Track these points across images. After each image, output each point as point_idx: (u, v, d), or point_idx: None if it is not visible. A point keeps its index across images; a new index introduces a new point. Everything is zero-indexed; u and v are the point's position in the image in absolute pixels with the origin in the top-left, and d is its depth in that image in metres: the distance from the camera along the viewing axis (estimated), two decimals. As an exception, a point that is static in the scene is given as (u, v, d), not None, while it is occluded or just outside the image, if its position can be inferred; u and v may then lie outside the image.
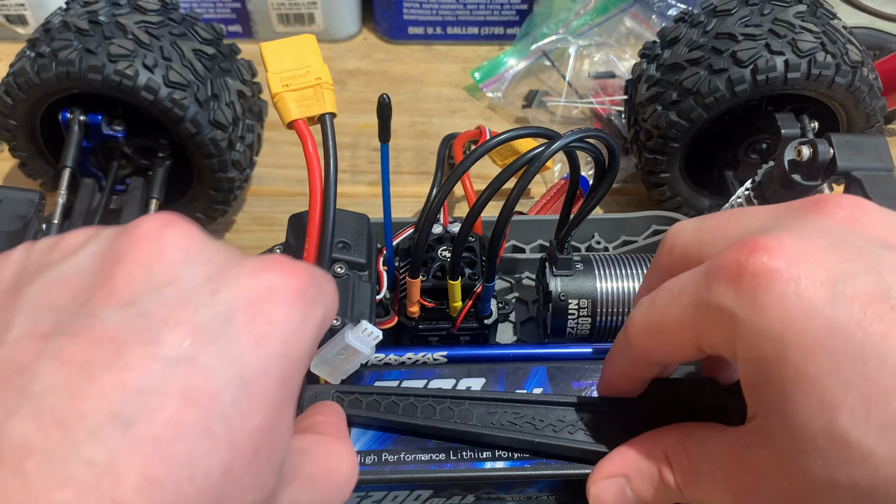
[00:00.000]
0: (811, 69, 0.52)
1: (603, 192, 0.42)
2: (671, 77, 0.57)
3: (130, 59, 0.53)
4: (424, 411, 0.39)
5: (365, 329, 0.38)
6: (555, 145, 0.39)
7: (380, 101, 0.41)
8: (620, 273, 0.47)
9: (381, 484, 0.38)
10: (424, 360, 0.44)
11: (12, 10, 0.82)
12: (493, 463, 0.39)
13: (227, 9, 0.84)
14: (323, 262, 0.39)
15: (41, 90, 0.55)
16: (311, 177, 0.39)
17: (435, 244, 0.48)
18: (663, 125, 0.57)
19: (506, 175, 0.40)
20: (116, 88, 0.53)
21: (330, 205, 0.39)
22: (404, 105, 0.79)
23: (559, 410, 0.39)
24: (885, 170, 0.40)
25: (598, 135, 0.39)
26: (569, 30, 0.82)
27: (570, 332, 0.46)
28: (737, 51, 0.53)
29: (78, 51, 0.53)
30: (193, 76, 0.54)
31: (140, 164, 0.61)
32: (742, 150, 0.61)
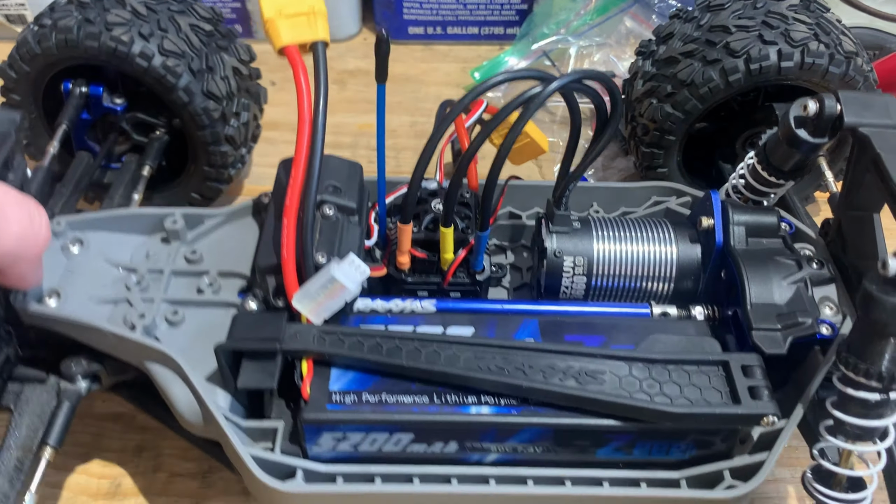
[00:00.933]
0: (804, 58, 0.51)
1: (607, 138, 0.41)
2: (666, 70, 0.56)
3: (127, 27, 0.53)
4: (410, 354, 0.38)
5: (352, 262, 0.37)
6: (552, 85, 0.38)
7: (378, 36, 0.40)
8: (620, 235, 0.45)
9: (359, 424, 0.37)
10: (412, 309, 0.42)
11: (12, 9, 0.82)
12: (479, 408, 0.37)
13: (227, 9, 0.84)
14: (311, 184, 0.38)
15: (42, 60, 0.55)
16: (299, 105, 0.38)
17: (429, 197, 0.47)
18: (659, 118, 0.56)
19: (502, 115, 0.39)
20: (112, 55, 0.53)
21: (318, 133, 0.38)
22: (404, 105, 0.78)
23: (549, 358, 0.38)
24: (893, 126, 0.39)
25: (598, 76, 0.38)
26: (569, 30, 0.82)
27: (564, 292, 0.45)
28: (730, 42, 0.53)
29: (77, 20, 0.53)
30: (188, 47, 0.55)
31: (137, 141, 0.60)
32: (739, 144, 0.60)
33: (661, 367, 0.38)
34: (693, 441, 0.38)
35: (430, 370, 0.37)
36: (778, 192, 0.46)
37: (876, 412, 0.34)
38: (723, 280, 0.43)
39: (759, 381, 0.37)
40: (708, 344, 0.40)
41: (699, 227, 0.44)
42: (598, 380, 0.37)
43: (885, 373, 0.33)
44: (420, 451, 0.38)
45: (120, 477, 0.49)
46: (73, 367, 0.42)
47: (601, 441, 0.38)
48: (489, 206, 0.42)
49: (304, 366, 0.38)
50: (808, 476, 0.38)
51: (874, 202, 0.41)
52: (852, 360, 0.34)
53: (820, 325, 0.39)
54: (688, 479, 0.38)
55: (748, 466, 0.38)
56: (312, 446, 0.38)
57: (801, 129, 0.41)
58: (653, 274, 0.45)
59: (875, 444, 0.36)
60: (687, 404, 0.36)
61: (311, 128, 0.38)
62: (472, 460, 0.39)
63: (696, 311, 0.43)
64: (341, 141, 0.73)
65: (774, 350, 0.38)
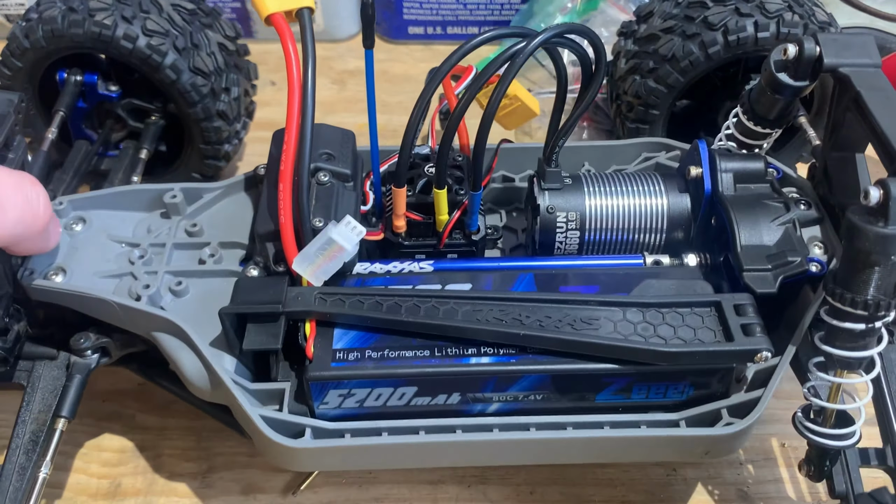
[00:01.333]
0: (780, 28, 0.53)
1: (592, 92, 0.41)
2: (647, 47, 0.58)
3: (109, 12, 0.54)
4: (409, 310, 0.39)
5: (348, 223, 0.38)
6: (535, 41, 0.38)
7: (363, 3, 0.40)
8: (610, 189, 0.46)
9: (363, 379, 0.38)
10: (410, 270, 0.43)
11: (12, 9, 0.83)
12: (479, 359, 0.38)
13: (228, 9, 0.84)
14: (304, 149, 0.38)
15: (32, 54, 0.56)
16: (288, 72, 0.39)
17: (422, 161, 0.48)
18: (643, 93, 0.58)
19: (488, 72, 0.39)
20: (97, 40, 0.54)
21: (308, 98, 0.39)
22: (404, 105, 0.78)
23: (545, 308, 0.39)
24: (873, 65, 0.40)
25: (579, 29, 0.39)
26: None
27: (558, 247, 0.46)
28: (708, 16, 0.54)
29: (61, 10, 0.55)
30: (171, 26, 0.56)
31: (133, 127, 0.62)
32: (721, 117, 0.61)
33: (654, 311, 0.39)
34: (690, 382, 0.39)
35: (429, 324, 0.38)
36: (765, 143, 0.47)
37: (862, 342, 0.35)
38: (713, 227, 0.44)
39: (751, 319, 0.38)
40: (700, 286, 0.41)
41: (688, 177, 0.45)
42: (593, 325, 0.38)
43: (871, 300, 0.34)
44: (424, 403, 0.39)
45: (120, 477, 0.50)
46: (82, 342, 0.43)
47: (599, 385, 0.39)
48: (480, 164, 0.42)
49: (307, 327, 0.39)
50: (799, 416, 0.39)
51: (857, 142, 0.42)
52: (839, 291, 0.35)
53: (809, 264, 0.40)
54: (686, 420, 0.39)
55: (745, 403, 0.39)
56: (319, 404, 0.39)
57: (782, 73, 0.42)
58: (644, 225, 0.45)
59: (861, 377, 0.37)
60: (681, 344, 0.37)
61: (300, 93, 0.39)
62: (476, 411, 0.40)
63: (689, 258, 0.44)
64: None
65: (765, 289, 0.39)
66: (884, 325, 0.36)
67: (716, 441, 0.38)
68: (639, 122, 0.60)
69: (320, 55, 0.86)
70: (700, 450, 0.39)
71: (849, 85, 0.40)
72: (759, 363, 0.37)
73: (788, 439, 0.51)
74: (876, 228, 0.33)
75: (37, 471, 0.41)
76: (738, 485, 0.49)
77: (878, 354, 0.36)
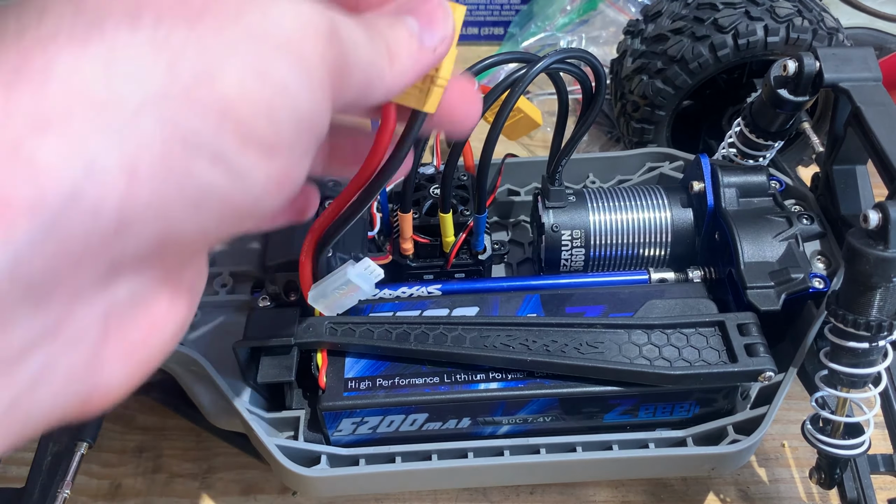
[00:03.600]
0: (789, 33, 0.53)
1: (593, 115, 0.42)
2: (655, 47, 0.58)
3: None
4: (418, 338, 0.39)
5: (367, 266, 0.38)
6: (536, 67, 0.39)
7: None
8: (614, 205, 0.46)
9: (375, 408, 0.39)
10: (419, 294, 0.44)
11: None
12: (487, 384, 0.39)
13: None
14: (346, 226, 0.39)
15: None
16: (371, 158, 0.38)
17: (427, 183, 0.48)
18: (650, 93, 0.58)
19: (489, 100, 0.40)
20: None
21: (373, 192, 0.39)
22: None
23: (552, 332, 0.39)
24: (873, 79, 0.40)
25: (579, 55, 0.39)
26: (556, 27, 0.82)
27: (564, 265, 0.46)
28: (718, 18, 0.54)
29: None
30: None
31: None
32: (725, 120, 0.61)
33: (659, 332, 0.39)
34: (696, 400, 0.40)
35: (438, 352, 0.39)
36: (767, 154, 0.47)
37: (866, 360, 0.36)
38: (717, 241, 0.44)
39: (754, 339, 0.38)
40: (704, 305, 0.41)
41: (691, 192, 0.45)
42: (598, 349, 0.38)
43: (873, 322, 0.34)
44: (435, 428, 0.40)
45: (120, 477, 0.50)
46: (102, 374, 0.44)
47: (607, 407, 0.39)
48: (484, 189, 0.43)
49: (319, 357, 0.40)
50: (808, 426, 0.39)
51: (859, 155, 0.42)
52: (841, 312, 0.35)
53: (812, 280, 0.40)
54: (693, 437, 0.40)
55: (750, 420, 0.39)
56: (333, 432, 0.40)
57: (782, 89, 0.42)
58: (649, 240, 0.46)
59: (869, 391, 0.37)
60: (685, 366, 0.38)
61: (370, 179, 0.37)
62: (486, 433, 0.41)
63: (693, 273, 0.44)
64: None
65: (769, 307, 0.39)
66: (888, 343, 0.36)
67: (722, 458, 0.39)
68: (644, 123, 0.60)
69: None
70: (707, 466, 0.40)
71: (849, 100, 0.40)
72: (763, 382, 0.38)
73: (789, 439, 0.51)
74: (876, 252, 0.33)
75: (57, 490, 0.42)
76: (739, 485, 0.49)
77: (886, 369, 0.37)
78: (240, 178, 0.20)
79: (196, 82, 0.18)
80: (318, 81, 0.21)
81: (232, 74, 0.19)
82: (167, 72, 0.18)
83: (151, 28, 0.18)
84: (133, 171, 0.18)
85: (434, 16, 0.26)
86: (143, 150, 0.18)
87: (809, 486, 0.49)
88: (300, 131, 0.21)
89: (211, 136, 0.19)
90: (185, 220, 0.19)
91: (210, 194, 0.19)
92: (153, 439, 0.52)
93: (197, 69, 0.18)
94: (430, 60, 0.26)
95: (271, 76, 0.19)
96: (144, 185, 0.18)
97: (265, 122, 0.20)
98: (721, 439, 0.39)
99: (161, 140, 0.18)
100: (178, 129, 0.18)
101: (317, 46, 0.21)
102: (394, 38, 0.25)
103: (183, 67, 0.18)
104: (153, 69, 0.18)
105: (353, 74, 0.23)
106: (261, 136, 0.20)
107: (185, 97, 0.18)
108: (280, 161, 0.21)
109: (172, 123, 0.18)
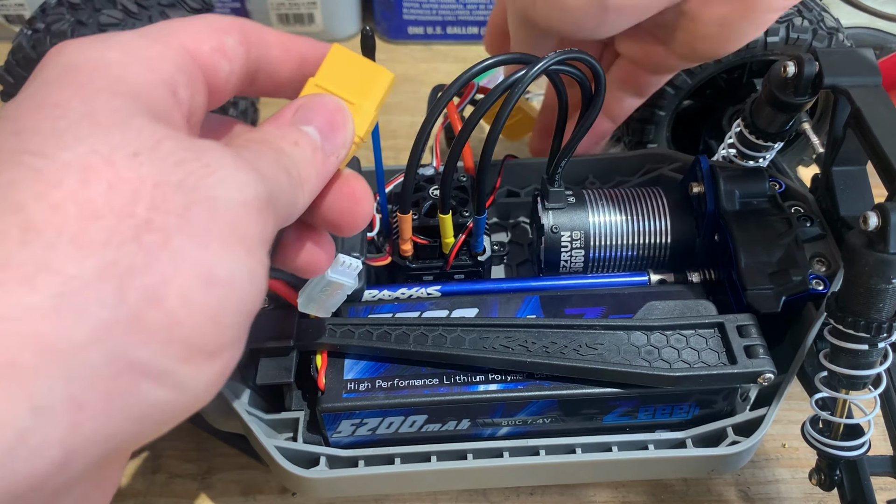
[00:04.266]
0: (789, 33, 0.53)
1: (592, 117, 0.42)
2: None
3: (119, 27, 0.54)
4: (417, 339, 0.39)
5: (343, 262, 0.38)
6: (535, 69, 0.39)
7: (362, 33, 0.41)
8: (612, 205, 0.46)
9: (375, 409, 0.39)
10: (418, 296, 0.44)
11: (12, 10, 0.83)
12: (487, 386, 0.39)
13: (227, 8, 0.84)
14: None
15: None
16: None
17: (426, 184, 0.48)
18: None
19: (487, 102, 0.40)
20: None
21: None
22: (404, 105, 0.78)
23: (551, 334, 0.39)
24: (873, 81, 0.40)
25: (579, 56, 0.39)
26: None
27: (563, 266, 0.46)
28: None
29: (70, 23, 0.54)
30: None
31: None
32: (725, 121, 0.61)
33: (658, 334, 0.39)
34: (695, 402, 0.40)
35: (437, 353, 0.39)
36: (767, 155, 0.47)
37: (866, 362, 0.36)
38: (716, 243, 0.44)
39: (754, 340, 0.38)
40: (704, 307, 0.41)
41: (690, 193, 0.45)
42: (598, 350, 0.38)
43: (873, 323, 0.34)
44: (435, 429, 0.40)
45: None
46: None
47: (606, 408, 0.39)
48: (483, 191, 0.43)
49: (318, 359, 0.40)
50: (808, 427, 0.39)
51: (858, 156, 0.42)
52: (841, 314, 0.35)
53: (812, 281, 0.40)
54: (693, 439, 0.40)
55: (750, 422, 0.39)
56: (332, 433, 0.40)
57: (782, 90, 0.42)
58: (649, 242, 0.46)
59: (869, 392, 0.37)
60: (685, 367, 0.37)
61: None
62: (485, 435, 0.41)
63: (693, 275, 0.44)
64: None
65: (769, 309, 0.39)
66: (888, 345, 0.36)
67: (721, 460, 0.39)
68: (644, 123, 0.60)
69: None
70: (706, 468, 0.40)
71: (849, 101, 0.40)
72: (763, 383, 0.38)
73: (789, 440, 0.51)
74: (875, 253, 0.33)
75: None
76: (739, 485, 0.49)
77: (886, 370, 0.37)
78: (183, 389, 0.20)
79: (144, 304, 0.19)
80: (259, 260, 0.22)
81: (178, 289, 0.19)
82: (115, 296, 0.18)
83: (101, 250, 0.18)
84: (79, 408, 0.18)
85: (335, 122, 0.27)
86: (90, 384, 0.18)
87: (810, 486, 0.49)
88: (243, 322, 0.22)
89: (157, 358, 0.19)
90: (128, 436, 0.20)
91: (154, 408, 0.20)
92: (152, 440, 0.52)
93: (145, 290, 0.19)
94: (333, 168, 0.27)
95: (217, 279, 0.20)
96: (89, 418, 0.18)
97: (210, 330, 0.20)
98: (721, 441, 0.39)
99: (108, 374, 0.18)
100: (126, 357, 0.18)
101: (257, 224, 0.21)
102: (301, 161, 0.25)
103: (131, 290, 0.18)
104: (102, 297, 0.18)
105: (279, 219, 0.23)
106: (204, 344, 0.20)
107: (133, 324, 0.18)
108: (222, 359, 0.21)
109: (120, 353, 0.18)
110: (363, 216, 0.30)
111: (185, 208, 0.20)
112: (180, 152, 0.20)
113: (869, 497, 0.40)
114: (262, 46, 0.28)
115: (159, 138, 0.20)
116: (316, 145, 0.26)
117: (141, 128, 0.20)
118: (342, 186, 0.29)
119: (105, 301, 0.18)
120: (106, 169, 0.19)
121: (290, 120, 0.27)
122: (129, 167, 0.19)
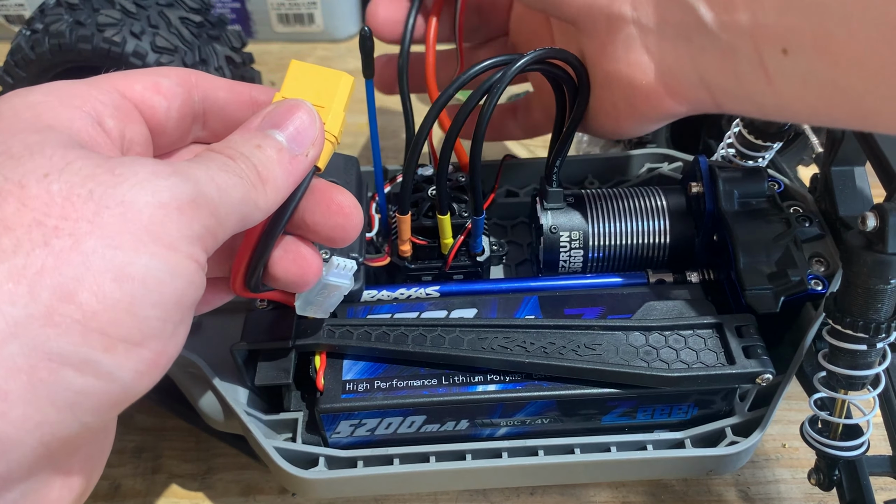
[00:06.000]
0: None
1: (579, 113, 0.41)
2: None
3: (118, 28, 0.54)
4: (415, 340, 0.39)
5: (337, 264, 0.38)
6: (514, 67, 0.39)
7: (361, 34, 0.41)
8: (613, 206, 0.46)
9: (373, 410, 0.39)
10: (417, 296, 0.44)
11: (12, 10, 0.83)
12: (485, 386, 0.39)
13: (227, 8, 0.84)
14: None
15: (37, 66, 0.56)
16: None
17: (425, 185, 0.48)
18: None
19: (472, 101, 0.40)
20: (106, 56, 0.54)
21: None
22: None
23: (549, 335, 0.39)
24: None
25: (558, 55, 0.39)
26: None
27: (562, 266, 0.46)
28: None
29: (68, 23, 0.54)
30: (181, 42, 0.55)
31: None
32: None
33: (657, 334, 0.39)
34: (694, 402, 0.40)
35: (435, 354, 0.39)
36: (766, 155, 0.47)
37: (865, 362, 0.36)
38: (715, 243, 0.44)
39: (752, 341, 0.38)
40: (702, 307, 0.41)
41: (689, 193, 0.45)
42: (596, 350, 0.38)
43: (871, 324, 0.34)
44: (433, 430, 0.40)
45: (119, 478, 0.50)
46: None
47: (605, 409, 0.39)
48: (478, 191, 0.43)
49: (317, 359, 0.40)
50: (807, 427, 0.39)
51: (857, 157, 0.42)
52: (839, 314, 0.35)
53: (811, 282, 0.40)
54: (692, 439, 0.40)
55: (748, 422, 0.39)
56: (331, 434, 0.40)
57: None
58: (648, 242, 0.46)
59: (868, 392, 0.37)
60: (683, 368, 0.37)
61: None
62: (484, 435, 0.41)
63: (692, 275, 0.44)
64: (342, 140, 0.74)
65: (767, 309, 0.39)
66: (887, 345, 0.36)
67: (720, 460, 0.39)
68: None
69: (320, 56, 0.86)
70: (705, 468, 0.40)
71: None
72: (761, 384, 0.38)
73: (789, 440, 0.51)
74: (874, 254, 0.33)
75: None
76: (739, 485, 0.49)
77: (885, 371, 0.37)
78: (109, 377, 0.22)
79: (56, 301, 0.21)
80: (185, 256, 0.23)
81: (90, 285, 0.21)
82: (27, 295, 0.20)
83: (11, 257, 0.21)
84: (3, 397, 0.20)
85: (301, 125, 0.29)
86: (10, 374, 0.20)
87: (810, 486, 0.49)
88: (167, 314, 0.23)
89: (75, 348, 0.21)
90: (62, 423, 0.22)
91: (83, 396, 0.22)
92: (152, 440, 0.52)
93: (56, 288, 0.21)
94: (305, 166, 0.29)
95: (130, 275, 0.22)
96: (15, 405, 0.20)
97: (128, 321, 0.22)
98: (719, 441, 0.39)
99: (28, 364, 0.20)
100: (43, 348, 0.21)
101: (180, 223, 0.23)
102: (263, 161, 0.27)
103: (42, 289, 0.21)
104: (13, 297, 0.20)
105: (227, 218, 0.25)
106: (125, 335, 0.22)
107: (47, 318, 0.21)
108: (149, 349, 0.23)
109: (37, 344, 0.20)
110: (353, 229, 0.32)
111: (95, 214, 0.22)
112: (90, 168, 0.23)
113: (868, 497, 0.40)
114: (206, 88, 0.31)
115: (70, 160, 0.23)
116: (280, 146, 0.28)
117: (52, 154, 0.23)
118: (330, 203, 0.31)
119: (17, 300, 0.20)
120: (18, 190, 0.22)
121: (257, 126, 0.28)
122: (39, 186, 0.22)
